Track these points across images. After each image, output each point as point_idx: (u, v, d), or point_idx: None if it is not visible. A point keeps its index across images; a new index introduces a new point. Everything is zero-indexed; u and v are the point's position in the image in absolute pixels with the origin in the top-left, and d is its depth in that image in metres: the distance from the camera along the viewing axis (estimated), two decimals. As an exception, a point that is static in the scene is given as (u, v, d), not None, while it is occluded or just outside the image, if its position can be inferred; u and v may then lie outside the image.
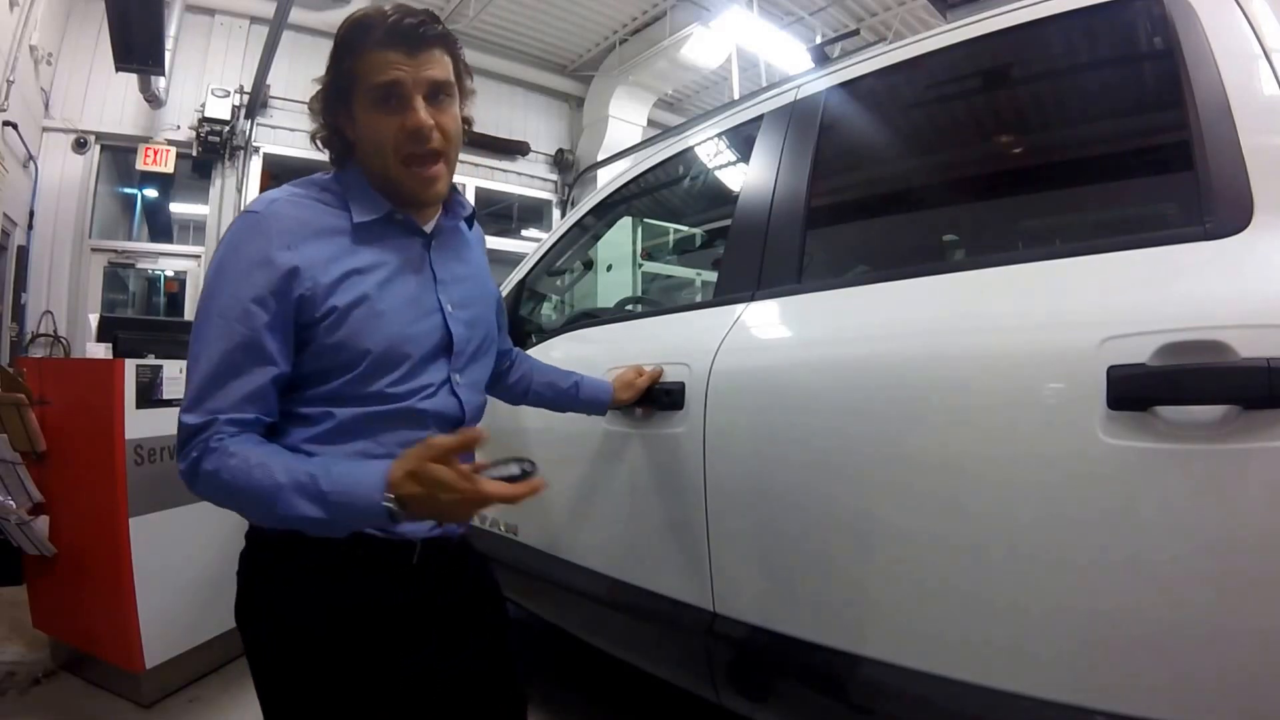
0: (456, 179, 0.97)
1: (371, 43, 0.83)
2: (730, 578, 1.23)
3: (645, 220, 4.31)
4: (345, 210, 0.87)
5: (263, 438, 0.80)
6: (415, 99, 0.84)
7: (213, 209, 6.11)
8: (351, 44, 0.85)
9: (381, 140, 0.85)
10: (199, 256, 6.22)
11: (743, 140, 1.57)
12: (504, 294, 1.88)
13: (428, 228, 0.94)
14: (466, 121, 0.94)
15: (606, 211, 2.05)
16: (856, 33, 5.16)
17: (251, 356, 0.79)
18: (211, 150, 5.94)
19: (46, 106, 5.52)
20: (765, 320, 1.29)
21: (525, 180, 7.42)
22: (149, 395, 1.98)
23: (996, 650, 0.91)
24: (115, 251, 6.01)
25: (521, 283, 2.07)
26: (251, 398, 0.79)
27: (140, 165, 5.80)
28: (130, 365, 1.95)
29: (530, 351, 1.57)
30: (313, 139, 0.94)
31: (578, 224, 2.00)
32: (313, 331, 0.82)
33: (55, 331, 5.40)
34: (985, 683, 0.91)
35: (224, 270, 0.81)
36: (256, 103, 5.93)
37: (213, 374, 0.78)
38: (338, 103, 0.88)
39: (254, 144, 6.18)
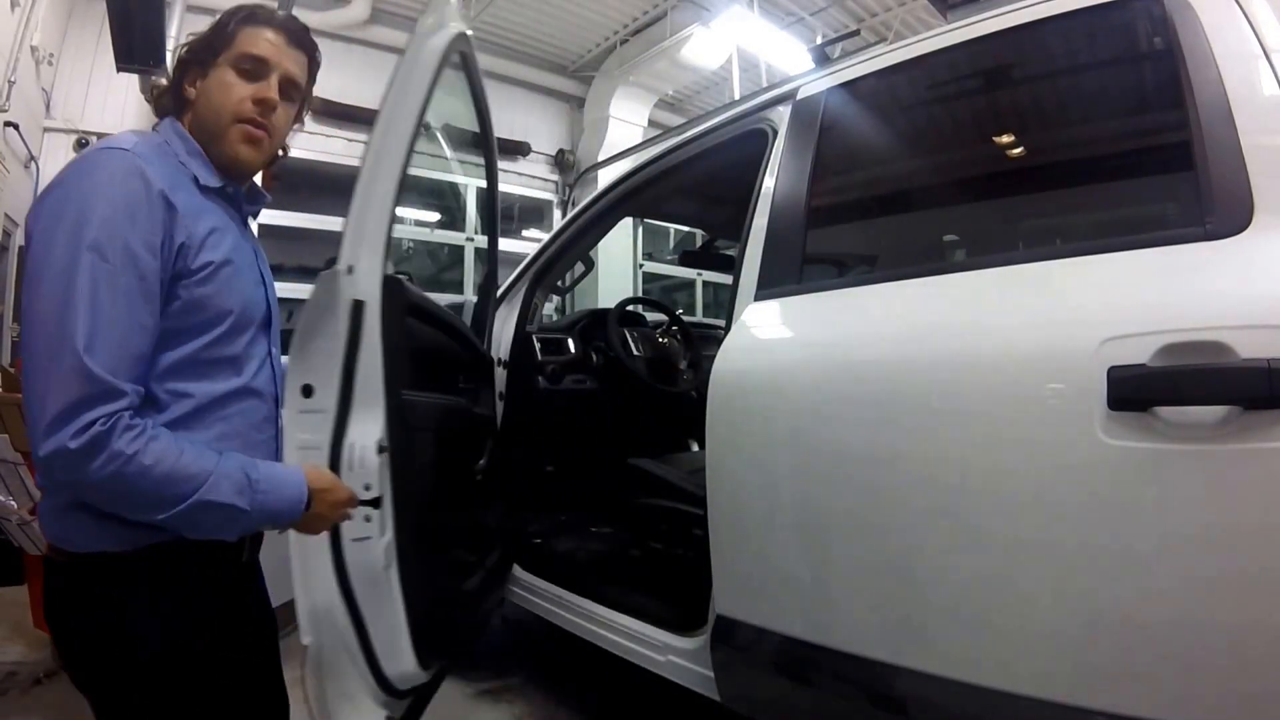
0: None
1: (260, 20, 0.90)
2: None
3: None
4: (188, 170, 0.86)
5: None
6: (272, 77, 0.89)
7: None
8: (241, 14, 0.90)
9: (225, 100, 0.87)
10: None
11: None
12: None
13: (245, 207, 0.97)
14: (298, 123, 1.00)
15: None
16: (857, 33, 5.16)
17: (138, 312, 0.73)
18: (212, 151, 5.94)
19: (48, 107, 5.52)
20: (768, 320, 1.29)
21: (526, 180, 7.41)
22: (150, 395, 1.98)
23: (997, 650, 0.91)
24: (116, 252, 6.01)
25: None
26: (139, 363, 0.73)
27: (141, 166, 5.81)
28: (131, 365, 1.95)
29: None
30: (151, 92, 0.96)
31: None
32: (179, 286, 0.78)
33: (56, 332, 5.40)
34: (986, 683, 0.91)
35: (94, 205, 0.72)
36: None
37: (102, 328, 0.69)
38: (195, 62, 0.89)
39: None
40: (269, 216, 4.32)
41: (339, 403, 1.13)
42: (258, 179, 1.03)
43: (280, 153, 0.98)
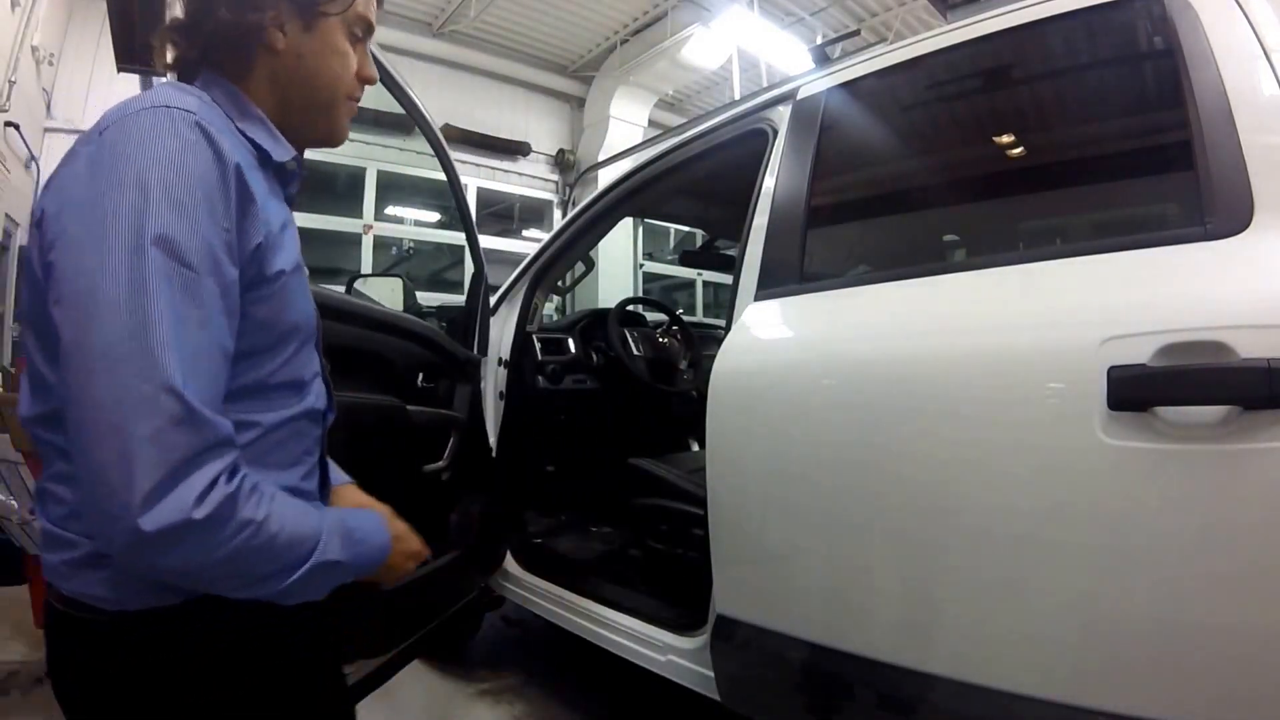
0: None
1: None
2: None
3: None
4: (247, 142, 0.65)
5: None
6: (364, 46, 0.74)
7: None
8: None
9: (343, 72, 0.71)
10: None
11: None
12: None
13: None
14: None
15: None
16: (857, 33, 5.16)
17: (224, 331, 0.56)
18: (213, 151, 5.94)
19: (48, 107, 5.53)
20: (768, 320, 1.28)
21: (526, 181, 7.42)
22: (150, 395, 1.98)
23: (998, 650, 0.91)
24: (117, 252, 6.01)
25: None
26: (220, 393, 0.56)
27: (142, 166, 5.81)
28: (132, 365, 1.95)
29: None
30: (191, 26, 0.68)
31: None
32: (249, 299, 0.60)
33: (57, 332, 5.40)
34: (987, 683, 0.91)
35: (161, 186, 0.53)
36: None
37: (198, 354, 0.53)
38: (289, 2, 0.67)
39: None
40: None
41: None
42: None
43: None
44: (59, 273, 0.54)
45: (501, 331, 2.13)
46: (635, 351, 2.47)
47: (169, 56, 0.71)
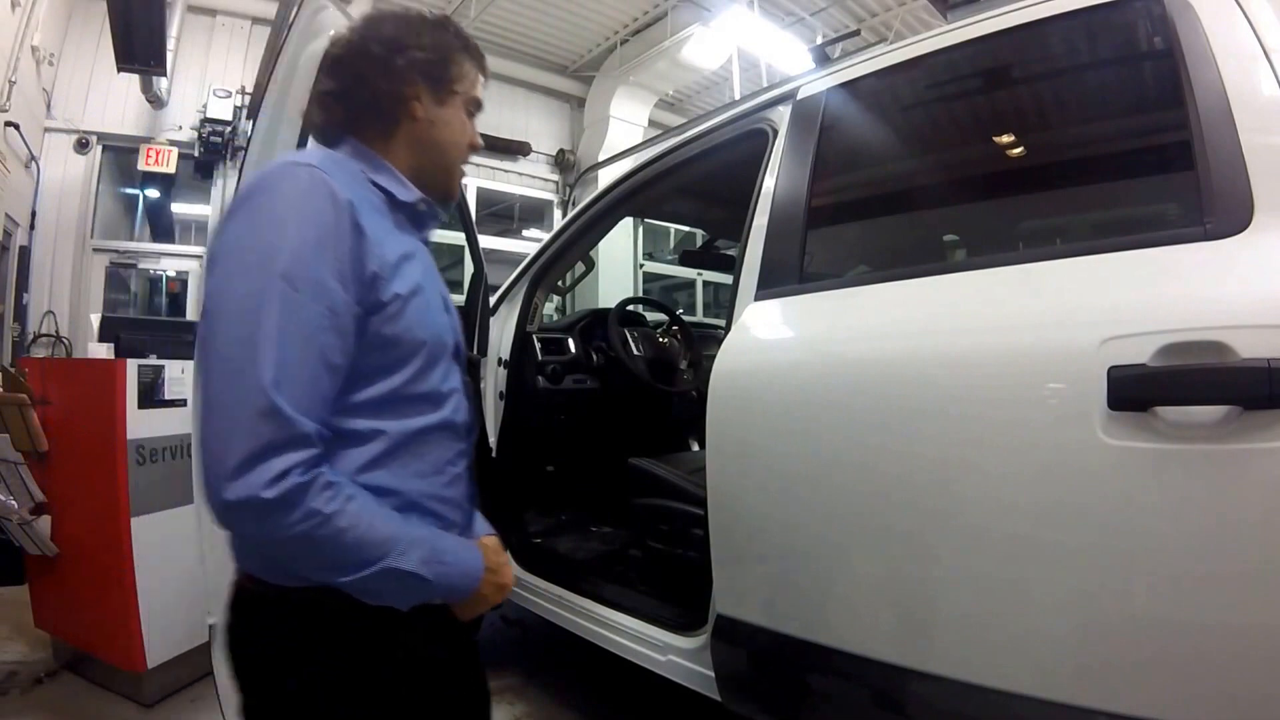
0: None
1: (484, 66, 0.89)
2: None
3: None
4: (375, 188, 0.79)
5: None
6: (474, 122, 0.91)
7: (215, 209, 6.11)
8: (468, 47, 0.87)
9: (462, 140, 0.87)
10: (201, 257, 6.22)
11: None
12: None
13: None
14: None
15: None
16: (857, 33, 5.16)
17: (330, 350, 0.66)
18: (213, 151, 5.94)
19: (48, 107, 5.53)
20: (768, 320, 1.28)
21: (526, 180, 7.42)
22: (151, 396, 1.98)
23: (998, 650, 0.91)
24: (117, 252, 6.01)
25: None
26: (325, 407, 0.66)
27: (142, 166, 5.80)
28: (132, 365, 1.95)
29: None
30: (343, 93, 0.82)
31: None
32: (371, 320, 0.71)
33: (57, 332, 5.40)
34: (987, 683, 0.91)
35: (278, 236, 0.66)
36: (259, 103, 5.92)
37: (292, 366, 0.63)
38: (431, 80, 0.83)
39: (255, 144, 6.17)
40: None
41: None
42: None
43: None
44: (206, 295, 0.68)
45: (501, 331, 2.13)
46: (635, 351, 2.47)
47: (318, 120, 0.86)
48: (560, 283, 2.40)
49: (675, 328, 2.70)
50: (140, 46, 4.61)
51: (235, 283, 0.66)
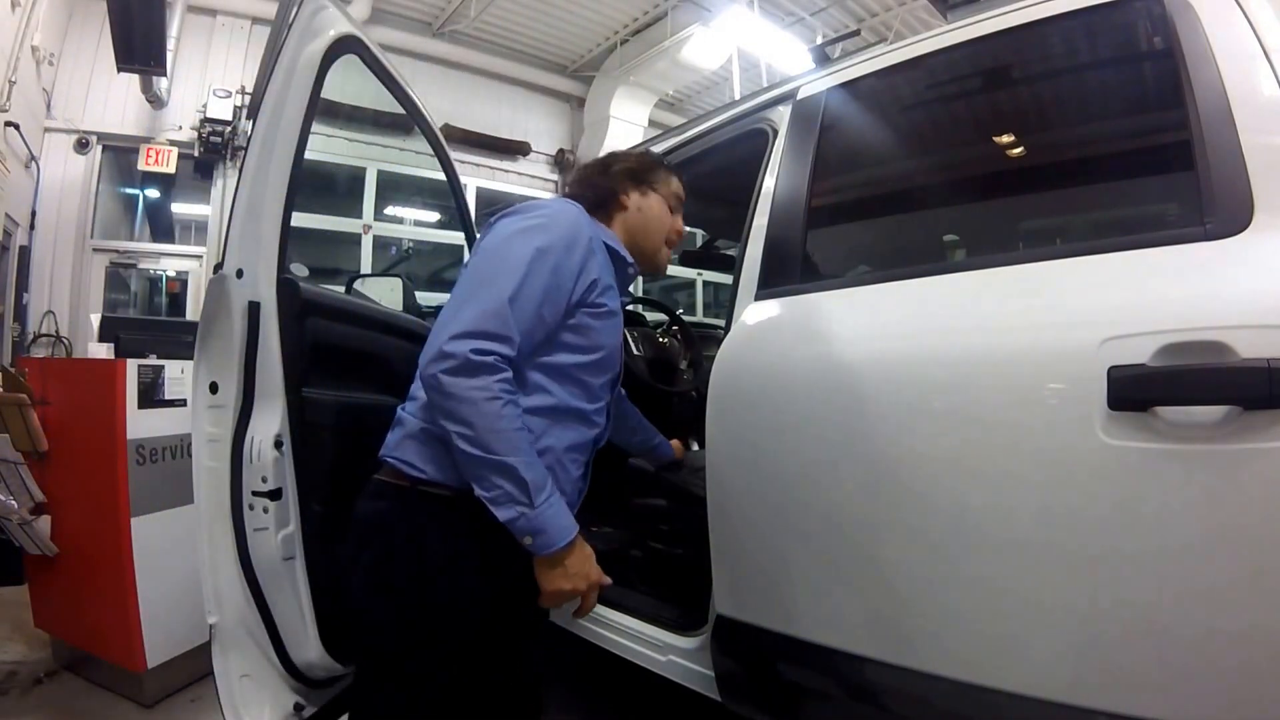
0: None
1: (677, 174, 1.28)
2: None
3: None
4: (604, 247, 1.10)
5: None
6: (679, 216, 1.27)
7: (215, 209, 6.11)
8: (673, 165, 1.34)
9: (663, 225, 1.22)
10: (200, 257, 6.22)
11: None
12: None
13: None
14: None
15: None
16: (857, 33, 5.16)
17: (549, 305, 0.97)
18: (213, 151, 5.94)
19: (48, 107, 5.53)
20: (768, 320, 1.28)
21: (526, 180, 7.42)
22: (151, 395, 1.98)
23: (997, 650, 0.91)
24: (117, 252, 6.01)
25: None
26: (529, 335, 0.94)
27: (142, 166, 5.81)
28: (132, 365, 1.95)
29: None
30: (580, 182, 1.23)
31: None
32: (580, 312, 1.02)
33: (57, 332, 5.40)
34: (986, 683, 0.91)
35: (549, 229, 1.00)
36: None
37: (524, 297, 0.93)
38: (637, 182, 1.21)
39: (255, 144, 6.16)
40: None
41: (240, 399, 1.22)
42: None
43: None
44: (481, 246, 1.03)
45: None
46: (635, 351, 2.47)
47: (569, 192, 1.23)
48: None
49: (675, 328, 2.70)
50: (140, 46, 4.61)
51: (514, 244, 0.97)
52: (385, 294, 1.95)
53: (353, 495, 1.04)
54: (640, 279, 7.04)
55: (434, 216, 6.55)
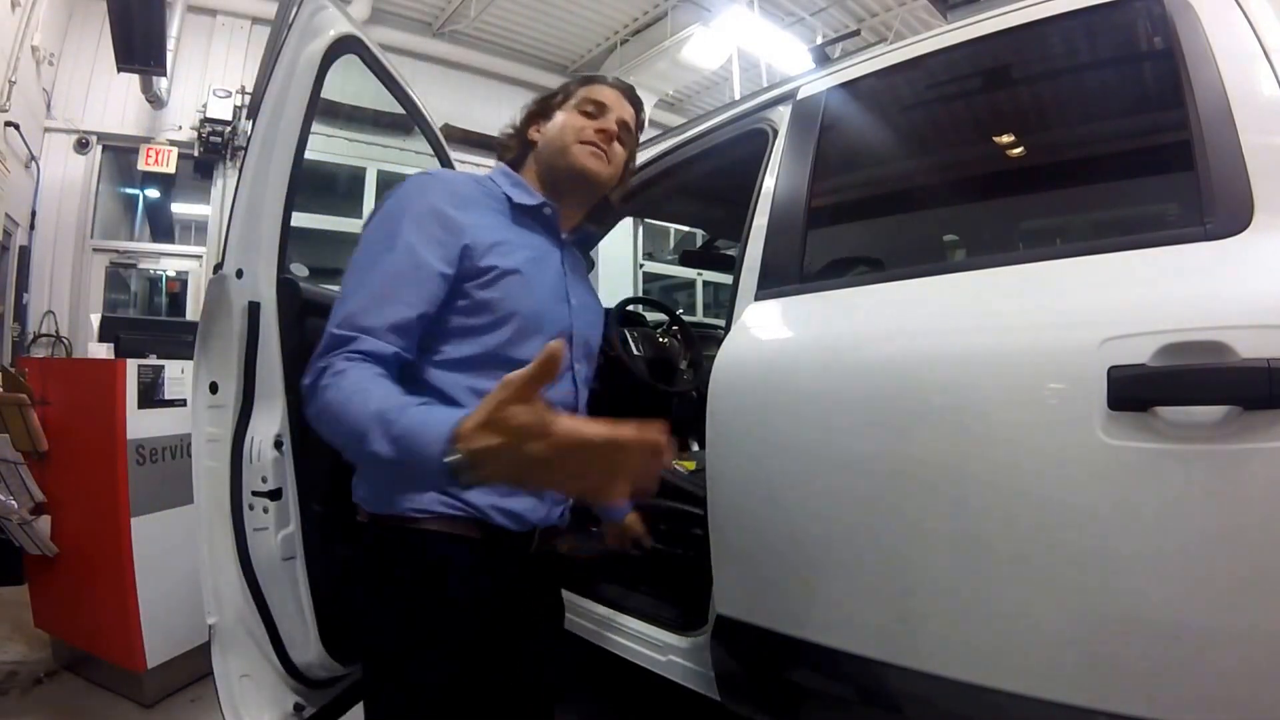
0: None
1: (599, 80, 1.09)
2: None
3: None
4: (503, 197, 0.98)
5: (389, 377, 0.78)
6: (610, 116, 1.05)
7: (215, 209, 6.11)
8: (582, 77, 1.11)
9: (568, 129, 1.02)
10: (200, 257, 6.22)
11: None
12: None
13: (563, 235, 1.05)
14: (624, 181, 1.13)
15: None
16: (857, 33, 5.16)
17: (409, 288, 0.83)
18: (213, 150, 5.94)
19: (48, 107, 5.53)
20: (768, 320, 1.29)
21: (526, 180, 7.42)
22: (151, 395, 1.98)
23: (997, 650, 0.91)
24: (117, 252, 6.01)
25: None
26: (399, 329, 0.82)
27: (142, 165, 5.81)
28: (132, 365, 1.95)
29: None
30: (496, 143, 1.12)
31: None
32: (469, 286, 0.88)
33: (57, 332, 5.40)
34: (986, 683, 0.91)
35: (392, 215, 0.88)
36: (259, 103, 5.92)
37: (369, 294, 0.82)
38: (539, 113, 1.08)
39: (255, 144, 6.17)
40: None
41: (240, 399, 1.22)
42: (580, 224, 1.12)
43: (609, 215, 1.14)
44: None
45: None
46: (635, 351, 2.47)
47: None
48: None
49: (675, 328, 2.70)
50: (140, 46, 4.61)
51: (359, 249, 0.88)
52: None
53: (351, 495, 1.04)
54: (640, 280, 6.93)
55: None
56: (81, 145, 5.71)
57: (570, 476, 0.62)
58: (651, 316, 2.84)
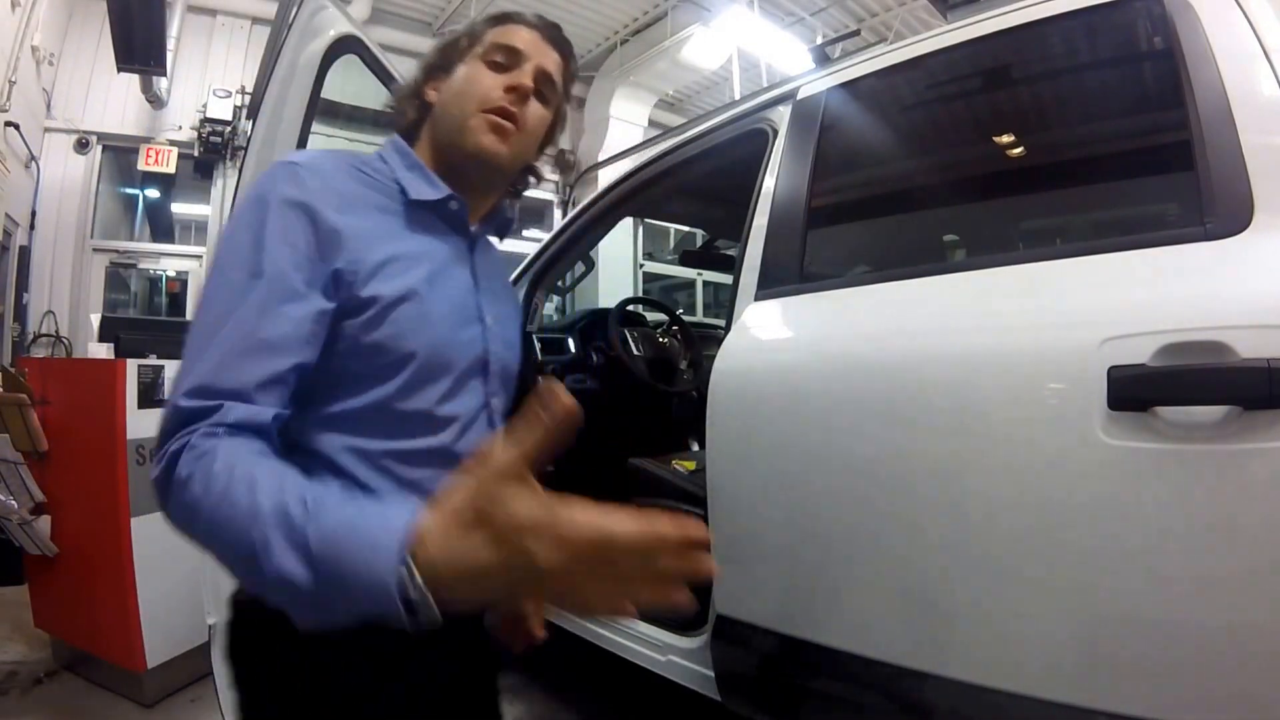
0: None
1: (513, 19, 0.82)
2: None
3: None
4: (395, 188, 0.74)
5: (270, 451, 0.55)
6: (527, 66, 0.78)
7: (214, 209, 6.11)
8: (492, 16, 0.83)
9: (470, 91, 0.77)
10: (200, 257, 6.23)
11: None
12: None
13: (473, 229, 0.81)
14: (549, 144, 0.89)
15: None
16: (857, 33, 5.16)
17: (277, 327, 0.59)
18: (213, 150, 5.94)
19: (48, 107, 5.53)
20: (768, 320, 1.29)
21: (526, 181, 7.42)
22: (151, 395, 1.98)
23: (997, 650, 0.91)
24: (117, 252, 6.02)
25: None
26: (269, 384, 0.57)
27: (142, 165, 5.81)
28: (132, 365, 1.95)
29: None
30: (387, 107, 0.87)
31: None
32: (348, 325, 0.64)
33: (57, 332, 5.40)
34: (986, 683, 0.91)
35: (247, 221, 0.63)
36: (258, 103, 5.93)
37: (223, 344, 0.57)
38: (438, 65, 0.81)
39: (255, 144, 6.17)
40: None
41: None
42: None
43: (532, 178, 0.90)
44: None
45: (501, 331, 2.12)
46: (635, 351, 2.47)
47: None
48: (560, 283, 2.39)
49: (675, 328, 2.70)
50: (140, 46, 4.61)
51: (210, 272, 0.64)
52: None
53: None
54: (640, 280, 6.93)
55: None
56: (81, 145, 5.71)
57: (573, 589, 0.42)
58: (651, 316, 2.84)
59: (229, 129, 5.92)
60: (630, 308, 2.68)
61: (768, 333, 1.27)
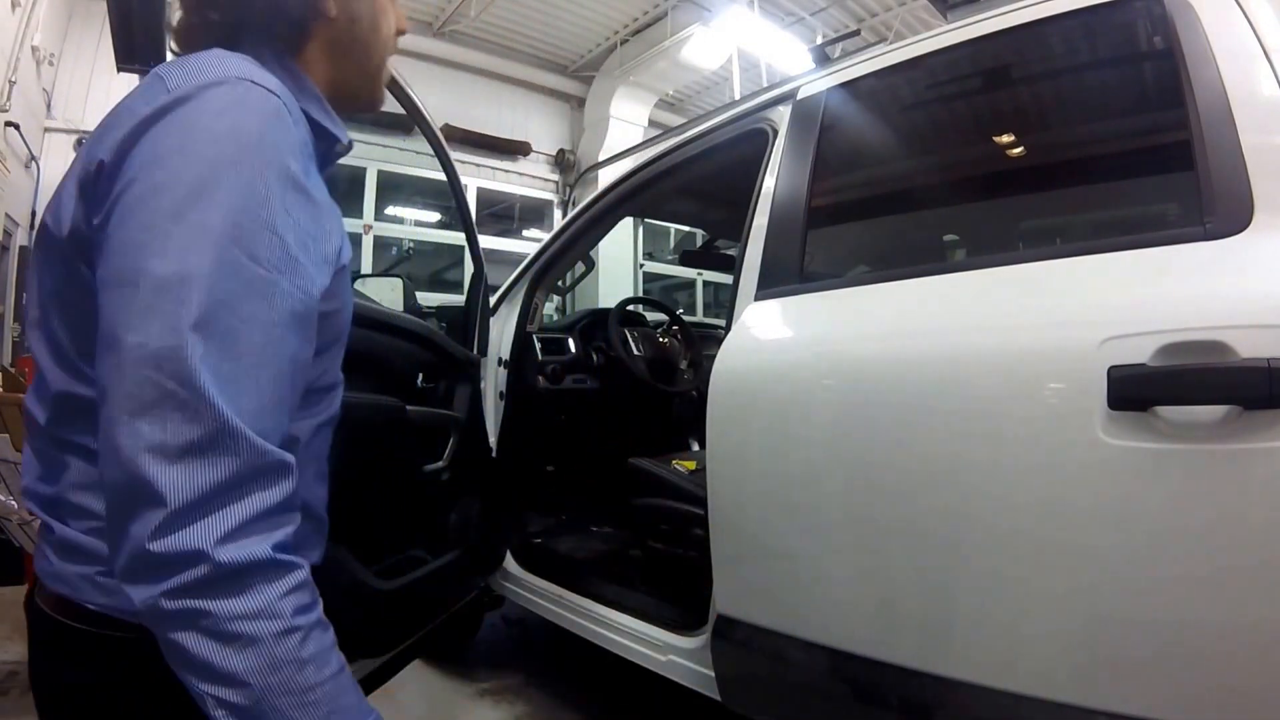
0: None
1: None
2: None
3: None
4: (307, 134, 0.57)
5: None
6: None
7: (214, 209, 6.11)
8: None
9: (388, 29, 0.67)
10: (200, 257, 6.23)
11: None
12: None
13: None
14: None
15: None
16: (857, 33, 5.16)
17: (304, 342, 0.50)
18: (213, 151, 5.95)
19: (49, 107, 5.53)
20: (768, 320, 1.29)
21: (526, 181, 7.42)
22: (151, 395, 1.98)
23: (997, 650, 0.91)
24: (117, 252, 6.02)
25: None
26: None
27: (142, 166, 5.81)
28: (132, 365, 1.95)
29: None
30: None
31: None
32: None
33: (57, 332, 5.40)
34: (986, 683, 0.91)
35: (266, 202, 0.48)
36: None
37: (274, 374, 0.47)
38: None
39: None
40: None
41: None
42: None
43: None
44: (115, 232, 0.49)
45: (501, 331, 2.13)
46: (635, 351, 2.47)
47: (195, 20, 0.60)
48: (560, 283, 2.40)
49: (675, 328, 2.70)
50: (140, 47, 4.61)
51: (176, 233, 0.46)
52: (385, 294, 1.95)
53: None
54: (640, 280, 6.97)
55: (435, 217, 6.55)
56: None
57: None
58: (651, 316, 2.85)
59: (229, 129, 5.90)
60: (630, 308, 2.69)
61: (768, 333, 1.28)
